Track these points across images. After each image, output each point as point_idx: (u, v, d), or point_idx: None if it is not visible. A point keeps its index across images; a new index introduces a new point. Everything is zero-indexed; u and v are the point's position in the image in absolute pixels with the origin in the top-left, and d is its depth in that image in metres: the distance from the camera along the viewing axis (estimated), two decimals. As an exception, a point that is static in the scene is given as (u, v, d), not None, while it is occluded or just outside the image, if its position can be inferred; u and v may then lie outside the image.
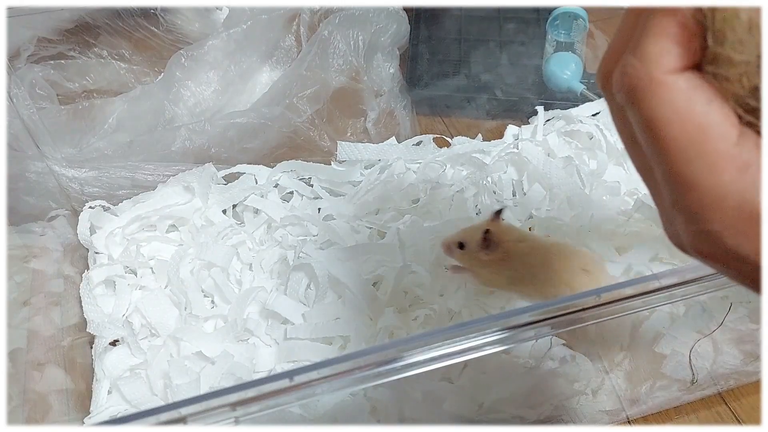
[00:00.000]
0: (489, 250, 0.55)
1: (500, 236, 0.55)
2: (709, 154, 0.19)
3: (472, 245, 0.55)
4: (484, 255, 0.55)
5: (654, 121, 0.19)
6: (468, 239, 0.56)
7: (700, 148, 0.19)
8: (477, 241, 0.55)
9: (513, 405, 0.52)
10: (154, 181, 0.69)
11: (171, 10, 0.76)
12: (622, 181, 0.66)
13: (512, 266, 0.55)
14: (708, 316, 0.50)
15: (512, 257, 0.55)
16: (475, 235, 0.55)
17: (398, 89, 0.78)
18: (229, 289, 0.62)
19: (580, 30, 0.80)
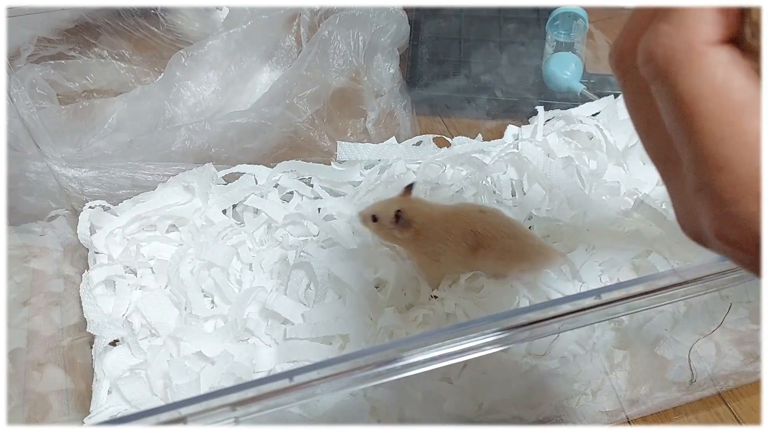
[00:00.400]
0: (401, 228, 0.57)
1: (412, 214, 0.56)
2: (746, 133, 0.17)
3: (386, 221, 0.57)
4: (398, 232, 0.57)
5: (689, 94, 0.18)
6: (381, 213, 0.58)
7: (737, 125, 0.18)
8: (390, 218, 0.57)
9: (513, 405, 0.52)
10: (154, 181, 0.69)
11: (171, 10, 0.76)
12: (622, 181, 0.66)
13: (427, 241, 0.57)
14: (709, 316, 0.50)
15: (425, 233, 0.57)
16: (388, 210, 0.57)
17: (398, 89, 0.78)
18: (229, 289, 0.62)
19: (580, 30, 0.80)
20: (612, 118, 0.72)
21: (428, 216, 0.58)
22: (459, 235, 0.57)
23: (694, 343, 0.50)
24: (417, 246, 0.58)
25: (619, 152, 0.69)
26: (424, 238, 0.58)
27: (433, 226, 0.58)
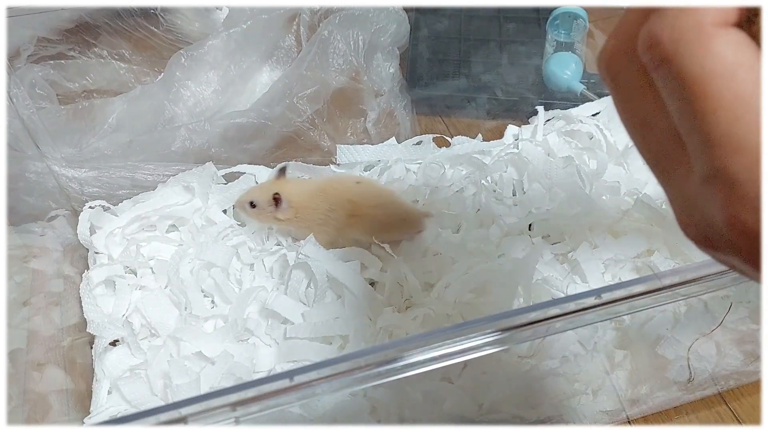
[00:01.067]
0: (280, 210, 0.61)
1: (289, 195, 0.61)
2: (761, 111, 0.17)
3: (264, 204, 0.61)
4: (279, 214, 0.61)
5: (700, 75, 0.18)
6: (258, 198, 0.61)
7: (752, 103, 0.17)
8: (267, 201, 0.61)
9: (513, 405, 0.52)
10: (154, 181, 0.69)
11: (171, 10, 0.76)
12: (622, 181, 0.66)
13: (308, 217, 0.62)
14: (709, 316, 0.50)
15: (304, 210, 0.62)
16: (264, 194, 0.61)
17: (398, 89, 0.78)
18: (229, 289, 0.62)
19: (580, 30, 0.80)
20: (612, 118, 0.72)
21: (305, 193, 0.62)
22: (336, 204, 0.61)
23: (693, 342, 0.50)
24: (299, 223, 0.62)
25: (619, 152, 0.69)
26: (303, 214, 0.62)
27: (311, 201, 0.62)
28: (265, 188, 0.62)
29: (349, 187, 0.63)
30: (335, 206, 0.62)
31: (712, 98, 0.18)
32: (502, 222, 0.63)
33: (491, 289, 0.58)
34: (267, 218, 0.63)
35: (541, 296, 0.56)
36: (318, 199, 0.62)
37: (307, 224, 0.62)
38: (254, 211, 0.62)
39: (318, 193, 0.62)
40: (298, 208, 0.62)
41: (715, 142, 0.18)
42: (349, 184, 0.63)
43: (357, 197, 0.62)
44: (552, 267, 0.59)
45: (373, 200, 0.63)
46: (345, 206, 0.62)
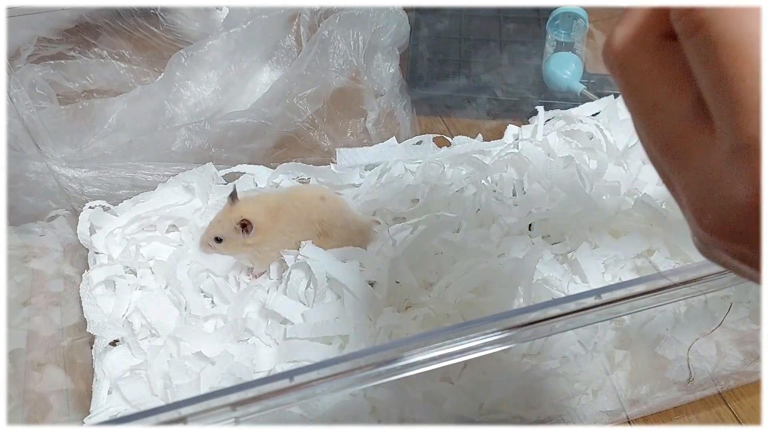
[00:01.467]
0: (250, 235, 0.59)
1: (254, 218, 0.59)
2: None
3: (230, 235, 0.60)
4: (248, 239, 0.60)
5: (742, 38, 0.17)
6: (222, 232, 0.60)
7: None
8: (234, 230, 0.59)
9: (513, 405, 0.52)
10: (154, 181, 0.69)
11: (171, 10, 0.76)
12: (622, 181, 0.66)
13: (273, 237, 0.60)
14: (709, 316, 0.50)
15: (272, 231, 0.60)
16: (225, 226, 0.60)
17: (398, 89, 0.78)
18: (228, 289, 0.62)
19: (580, 30, 0.80)
20: (612, 118, 0.72)
21: (268, 214, 0.60)
22: (305, 224, 0.61)
23: (693, 342, 0.50)
24: (265, 244, 0.61)
25: (619, 152, 0.69)
26: (270, 237, 0.60)
27: (276, 224, 0.60)
28: (227, 217, 0.60)
29: (315, 205, 0.61)
30: (303, 227, 0.60)
31: (751, 62, 0.17)
32: (502, 222, 0.63)
33: (491, 289, 0.58)
34: (237, 247, 0.60)
35: (541, 296, 0.56)
36: (283, 221, 0.60)
37: (274, 246, 0.61)
38: (222, 245, 0.60)
39: (282, 214, 0.60)
40: (264, 230, 0.60)
41: (751, 107, 0.17)
42: (314, 202, 0.61)
43: (326, 216, 0.61)
44: (552, 267, 0.59)
45: (340, 219, 0.62)
46: (314, 227, 0.61)
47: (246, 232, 0.59)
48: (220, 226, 0.60)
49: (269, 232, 0.60)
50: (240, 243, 0.60)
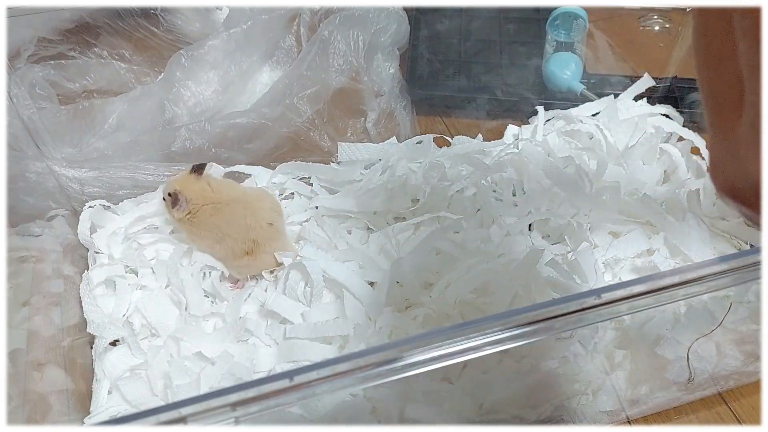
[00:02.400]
0: (177, 209, 0.58)
1: (192, 195, 0.58)
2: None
3: (166, 199, 0.59)
4: (175, 212, 0.59)
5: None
6: (164, 192, 0.59)
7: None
8: (165, 194, 0.59)
9: (513, 405, 0.52)
10: (154, 181, 0.69)
11: (171, 10, 0.76)
12: (622, 181, 0.66)
13: (204, 227, 0.59)
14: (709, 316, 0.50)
15: (201, 218, 0.59)
16: (165, 190, 0.59)
17: (398, 89, 0.78)
18: (227, 290, 0.62)
19: (580, 30, 0.80)
20: (612, 118, 0.72)
21: (212, 205, 0.59)
22: (239, 236, 0.59)
23: (693, 342, 0.50)
24: (192, 230, 0.60)
25: (619, 152, 0.69)
26: (199, 224, 0.59)
27: (215, 217, 0.59)
28: (173, 181, 0.60)
29: (260, 226, 0.60)
30: (237, 236, 0.60)
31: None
32: (502, 222, 0.63)
33: (491, 289, 0.58)
34: (170, 215, 0.61)
35: (541, 296, 0.56)
36: (223, 219, 0.60)
37: (200, 235, 0.60)
38: (164, 205, 0.61)
39: (227, 214, 0.60)
40: (196, 215, 0.59)
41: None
42: (261, 223, 0.60)
43: (262, 240, 0.60)
44: (552, 267, 0.59)
45: (275, 245, 0.61)
46: (246, 243, 0.60)
47: (173, 204, 0.59)
48: (164, 186, 0.60)
49: (200, 219, 0.59)
50: (170, 213, 0.60)
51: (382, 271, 0.61)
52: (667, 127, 0.73)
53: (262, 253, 0.61)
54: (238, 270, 0.62)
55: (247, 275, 0.63)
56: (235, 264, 0.62)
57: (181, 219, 0.60)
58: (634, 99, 0.76)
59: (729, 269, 0.36)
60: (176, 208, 0.59)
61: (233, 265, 0.62)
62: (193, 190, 0.59)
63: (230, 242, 0.60)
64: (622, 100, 0.76)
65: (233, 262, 0.61)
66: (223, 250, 0.61)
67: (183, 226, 0.61)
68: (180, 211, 0.59)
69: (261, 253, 0.61)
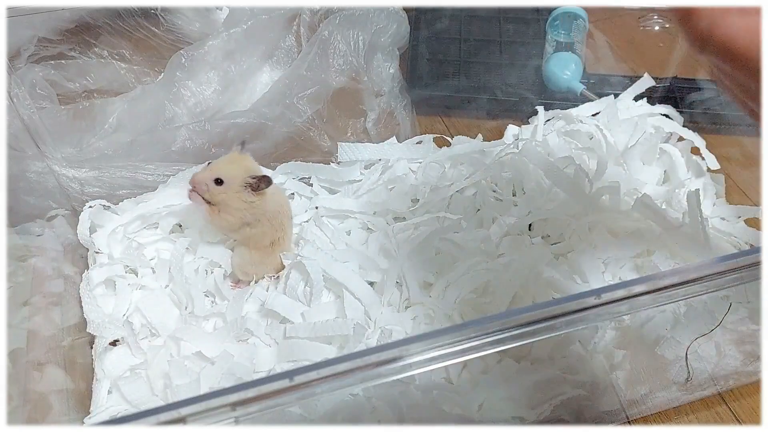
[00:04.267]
0: (258, 193, 0.58)
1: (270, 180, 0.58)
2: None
3: (235, 184, 0.58)
4: (248, 196, 0.58)
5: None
6: (229, 176, 0.58)
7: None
8: (243, 181, 0.58)
9: (513, 405, 0.52)
10: (154, 181, 0.69)
11: (171, 10, 0.76)
12: (622, 181, 0.66)
13: (257, 208, 0.59)
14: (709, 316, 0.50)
15: (261, 201, 0.59)
16: (235, 173, 0.58)
17: (398, 89, 0.78)
18: (229, 289, 0.62)
19: (580, 30, 0.80)
20: (612, 118, 0.72)
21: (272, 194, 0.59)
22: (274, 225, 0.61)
23: (692, 342, 0.50)
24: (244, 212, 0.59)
25: (619, 152, 0.69)
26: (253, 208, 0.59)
27: (267, 203, 0.59)
28: (235, 165, 0.58)
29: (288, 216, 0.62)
30: (272, 220, 0.60)
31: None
32: (502, 222, 0.63)
33: (491, 289, 0.58)
34: (229, 199, 0.58)
35: (541, 296, 0.56)
36: (275, 209, 0.60)
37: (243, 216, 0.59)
38: (218, 190, 0.58)
39: (278, 204, 0.61)
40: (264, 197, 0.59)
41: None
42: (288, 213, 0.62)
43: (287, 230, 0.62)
44: (552, 267, 0.59)
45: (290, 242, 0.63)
46: (278, 231, 0.61)
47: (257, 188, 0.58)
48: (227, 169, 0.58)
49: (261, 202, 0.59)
50: (237, 197, 0.58)
51: (382, 271, 0.61)
52: (667, 127, 0.73)
53: (280, 247, 0.62)
54: (249, 268, 0.62)
55: (254, 276, 0.63)
56: (252, 257, 0.62)
57: (249, 201, 0.58)
58: (634, 99, 0.76)
59: (729, 269, 0.36)
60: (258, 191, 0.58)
61: (247, 260, 0.62)
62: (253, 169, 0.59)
63: (266, 228, 0.60)
64: (622, 100, 0.76)
65: (252, 254, 0.62)
66: (251, 236, 0.61)
67: (232, 210, 0.59)
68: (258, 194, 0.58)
69: (280, 247, 0.62)
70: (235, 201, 0.58)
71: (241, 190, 0.58)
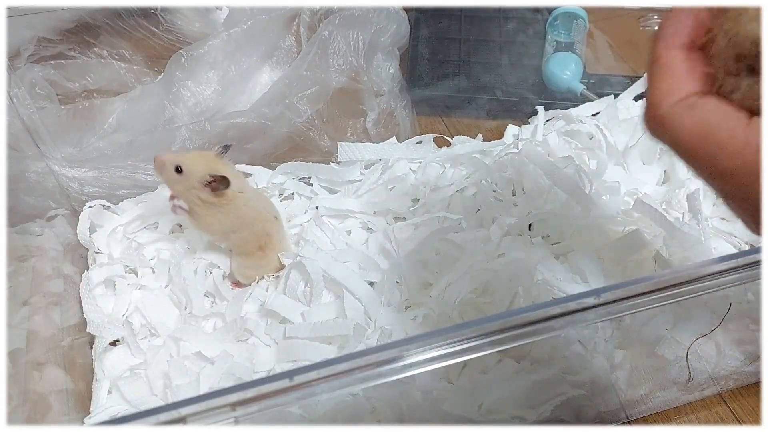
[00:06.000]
0: (215, 193, 0.56)
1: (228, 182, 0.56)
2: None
3: (193, 177, 0.56)
4: (208, 196, 0.57)
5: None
6: (190, 167, 0.56)
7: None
8: (202, 177, 0.56)
9: (513, 405, 0.52)
10: (154, 181, 0.69)
11: (171, 10, 0.76)
12: (622, 181, 0.66)
13: (228, 213, 0.58)
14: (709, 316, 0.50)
15: (231, 206, 0.58)
16: (198, 166, 0.56)
17: (398, 89, 0.78)
18: (228, 289, 0.62)
19: (580, 30, 0.80)
20: (612, 118, 0.72)
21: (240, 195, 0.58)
22: (255, 230, 0.59)
23: (692, 342, 0.50)
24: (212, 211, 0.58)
25: (619, 152, 0.69)
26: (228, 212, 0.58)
27: (239, 208, 0.58)
28: (202, 159, 0.57)
29: (272, 218, 0.61)
30: (254, 228, 0.59)
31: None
32: (502, 222, 0.63)
33: (491, 289, 0.58)
34: (187, 193, 0.57)
35: (541, 296, 0.56)
36: (245, 208, 0.59)
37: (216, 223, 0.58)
38: (176, 178, 0.56)
39: (254, 210, 0.59)
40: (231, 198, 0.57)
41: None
42: (270, 215, 0.61)
43: (273, 234, 0.61)
44: (552, 267, 0.59)
45: (283, 243, 0.62)
46: (261, 237, 0.60)
47: (215, 189, 0.56)
48: (192, 160, 0.56)
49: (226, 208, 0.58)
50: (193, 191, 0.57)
51: (382, 271, 0.61)
52: (667, 127, 0.73)
53: (272, 250, 0.61)
54: (246, 271, 0.62)
55: (255, 277, 0.63)
56: (244, 262, 0.61)
57: (209, 202, 0.57)
58: (634, 99, 0.76)
59: (729, 269, 0.36)
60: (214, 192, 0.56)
61: (242, 264, 0.62)
62: (232, 176, 0.57)
63: (247, 234, 0.60)
64: (622, 100, 0.76)
65: (244, 259, 0.61)
66: (236, 243, 0.61)
67: (200, 212, 0.58)
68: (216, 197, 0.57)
69: (271, 250, 0.61)
70: (193, 197, 0.57)
71: (200, 187, 0.56)
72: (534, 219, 0.64)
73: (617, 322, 0.51)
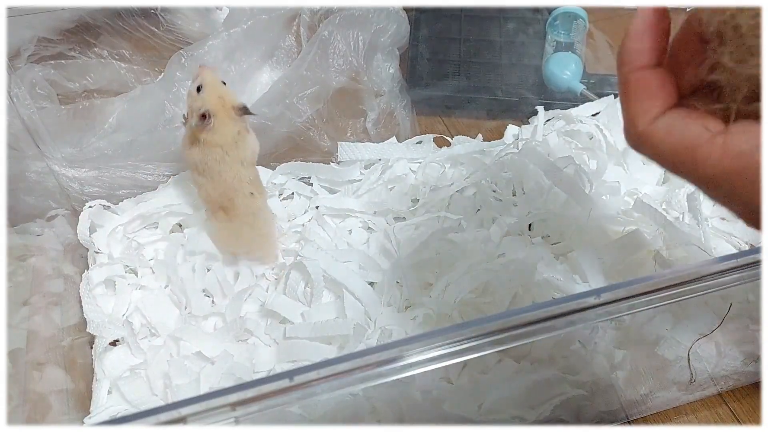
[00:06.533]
0: (198, 126, 0.57)
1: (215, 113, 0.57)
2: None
3: (200, 101, 0.58)
4: (194, 121, 0.58)
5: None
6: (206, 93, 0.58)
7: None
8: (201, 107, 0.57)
9: (513, 405, 0.52)
10: (154, 181, 0.69)
11: (171, 10, 0.76)
12: (622, 181, 0.66)
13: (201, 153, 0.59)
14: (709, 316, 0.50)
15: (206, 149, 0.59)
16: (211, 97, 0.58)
17: (398, 89, 0.78)
18: (229, 286, 0.62)
19: (580, 30, 0.80)
20: (612, 118, 0.72)
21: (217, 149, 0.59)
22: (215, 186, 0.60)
23: (693, 343, 0.50)
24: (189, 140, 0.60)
25: (619, 152, 0.69)
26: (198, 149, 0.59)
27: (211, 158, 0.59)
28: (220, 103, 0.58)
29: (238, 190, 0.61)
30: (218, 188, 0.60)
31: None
32: (502, 222, 0.63)
33: (491, 289, 0.58)
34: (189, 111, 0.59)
35: (541, 296, 0.56)
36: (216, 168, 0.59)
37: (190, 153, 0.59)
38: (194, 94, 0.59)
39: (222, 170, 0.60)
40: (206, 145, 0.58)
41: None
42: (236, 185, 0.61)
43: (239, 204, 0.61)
44: (552, 267, 0.59)
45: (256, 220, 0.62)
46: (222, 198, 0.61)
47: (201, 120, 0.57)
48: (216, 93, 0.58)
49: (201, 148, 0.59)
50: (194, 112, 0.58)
51: (382, 271, 0.61)
52: (667, 127, 0.73)
53: (240, 221, 0.61)
54: (218, 234, 0.62)
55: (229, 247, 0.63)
56: (215, 224, 0.62)
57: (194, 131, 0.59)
58: (634, 99, 0.76)
59: (729, 269, 0.36)
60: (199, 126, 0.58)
61: (213, 226, 0.62)
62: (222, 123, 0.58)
63: (206, 184, 0.60)
64: (622, 100, 0.76)
65: (213, 219, 0.62)
66: (199, 187, 0.61)
67: (187, 134, 0.60)
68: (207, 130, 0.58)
69: (237, 219, 0.61)
70: (190, 116, 0.59)
71: (197, 113, 0.58)
72: (534, 219, 0.64)
73: (617, 322, 0.51)
